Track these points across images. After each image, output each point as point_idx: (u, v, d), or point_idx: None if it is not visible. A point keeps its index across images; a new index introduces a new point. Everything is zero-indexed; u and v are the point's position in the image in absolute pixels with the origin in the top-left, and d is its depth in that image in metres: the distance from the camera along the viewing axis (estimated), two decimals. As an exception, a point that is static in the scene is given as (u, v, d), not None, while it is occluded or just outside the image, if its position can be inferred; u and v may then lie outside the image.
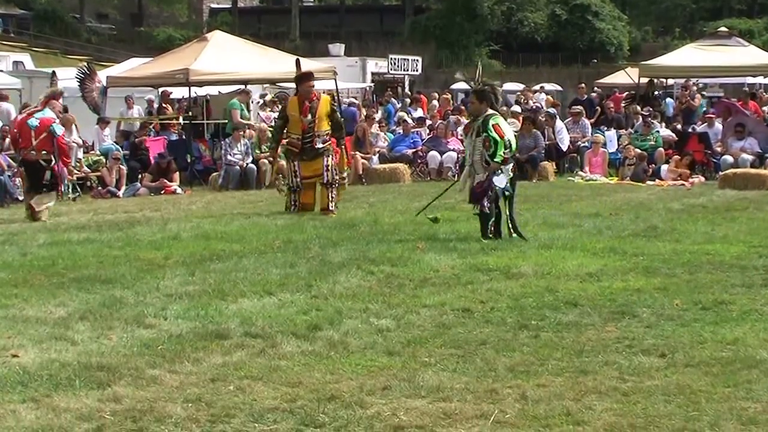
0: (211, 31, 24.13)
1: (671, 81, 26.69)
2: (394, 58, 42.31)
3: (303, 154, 13.18)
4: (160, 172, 18.08)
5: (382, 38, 59.06)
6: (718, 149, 19.31)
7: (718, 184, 16.97)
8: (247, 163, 18.26)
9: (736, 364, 5.79)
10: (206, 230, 11.52)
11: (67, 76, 21.70)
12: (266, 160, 18.09)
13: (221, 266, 8.97)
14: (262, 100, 24.12)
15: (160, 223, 12.29)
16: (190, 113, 21.42)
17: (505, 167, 10.45)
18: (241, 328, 6.66)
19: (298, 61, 14.65)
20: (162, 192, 17.54)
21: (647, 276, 8.49)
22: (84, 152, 19.37)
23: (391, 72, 41.50)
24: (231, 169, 18.12)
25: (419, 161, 19.84)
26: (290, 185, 13.36)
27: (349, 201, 13.77)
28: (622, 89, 27.52)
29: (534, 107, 24.66)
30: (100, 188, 17.80)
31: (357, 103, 26.56)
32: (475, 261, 9.16)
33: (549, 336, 6.51)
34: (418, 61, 44.01)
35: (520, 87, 32.99)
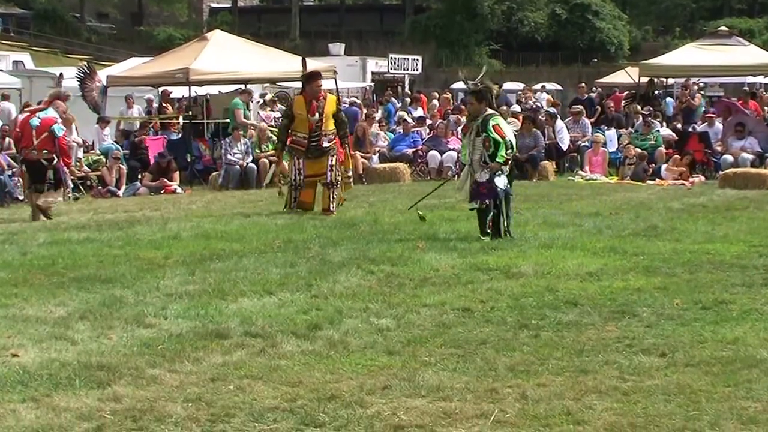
0: (211, 31, 24.11)
1: (671, 80, 26.67)
2: (394, 58, 42.25)
3: (308, 153, 13.15)
4: (160, 172, 18.07)
5: (382, 37, 59.06)
6: (719, 149, 19.29)
7: (719, 184, 16.96)
8: (247, 163, 18.24)
9: (737, 363, 5.79)
10: (206, 230, 11.52)
11: (68, 76, 21.67)
12: (266, 160, 18.13)
13: (221, 266, 8.97)
14: (262, 100, 24.11)
15: (160, 223, 12.28)
16: (190, 113, 21.42)
17: (505, 167, 10.46)
18: (241, 328, 6.66)
19: (304, 60, 14.64)
20: (162, 191, 17.54)
21: (647, 275, 8.48)
22: (84, 152, 19.39)
23: (391, 71, 41.43)
24: (231, 169, 18.11)
25: (419, 161, 19.85)
26: (292, 182, 13.31)
27: (349, 200, 13.78)
28: (623, 89, 27.51)
29: (534, 106, 24.65)
30: (100, 188, 17.80)
31: (359, 102, 26.52)
32: (476, 260, 9.16)
33: (549, 335, 6.51)
34: (418, 60, 43.95)
35: (521, 86, 32.96)
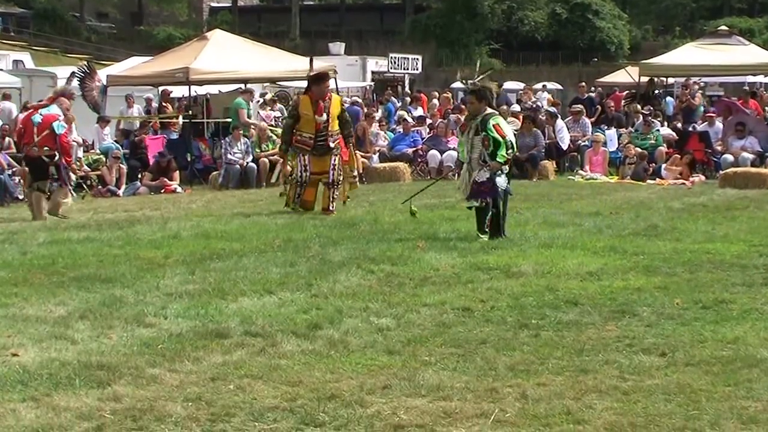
0: (211, 30, 24.13)
1: (671, 80, 26.68)
2: (395, 57, 42.28)
3: (314, 151, 13.14)
4: (160, 171, 18.08)
5: (383, 37, 59.10)
6: (719, 148, 19.30)
7: (719, 183, 16.95)
8: (247, 162, 18.24)
9: (737, 363, 5.78)
10: (206, 229, 11.51)
11: (68, 75, 21.67)
12: (266, 159, 18.12)
13: (221, 265, 8.97)
14: (263, 99, 24.11)
15: (160, 222, 12.28)
16: (190, 112, 21.42)
17: (504, 167, 10.47)
18: (241, 327, 6.65)
19: (311, 60, 14.62)
20: (162, 191, 17.54)
21: (648, 275, 8.48)
22: (84, 151, 19.39)
23: (392, 71, 41.47)
24: (231, 168, 18.11)
25: (419, 160, 19.85)
26: (298, 179, 13.21)
27: (349, 200, 13.76)
28: (623, 88, 27.53)
29: (534, 106, 24.64)
30: (100, 187, 17.80)
31: (360, 102, 26.51)
32: (476, 260, 9.16)
33: (549, 335, 6.51)
34: (418, 59, 43.99)
35: (521, 86, 32.96)
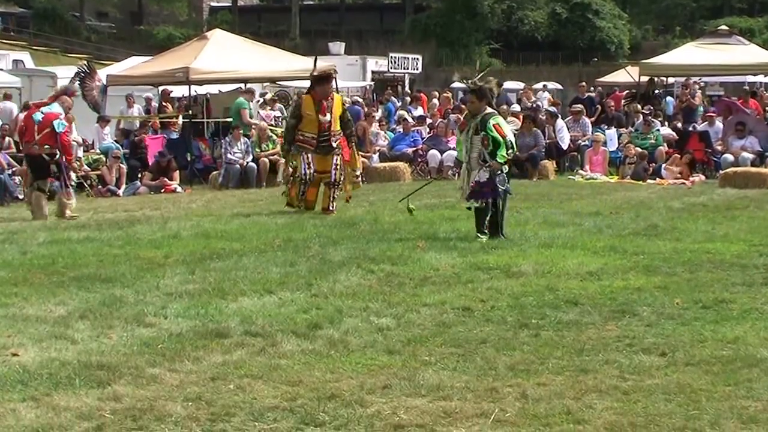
0: (211, 30, 24.12)
1: (672, 79, 26.68)
2: (395, 57, 42.27)
3: (317, 150, 13.12)
4: (160, 171, 18.07)
5: (383, 37, 59.08)
6: (719, 148, 19.29)
7: (719, 183, 16.95)
8: (247, 162, 18.23)
9: (737, 362, 5.79)
10: (206, 229, 11.51)
11: (68, 75, 21.68)
12: (266, 159, 18.11)
13: (221, 265, 8.97)
14: (263, 99, 24.11)
15: (160, 222, 12.28)
16: (190, 112, 21.41)
17: (504, 167, 10.47)
18: (241, 327, 6.65)
19: (316, 60, 14.59)
20: (162, 191, 17.54)
21: (648, 275, 8.48)
22: (84, 151, 19.38)
23: (392, 70, 41.46)
24: (231, 168, 18.10)
25: (419, 160, 19.83)
26: (302, 177, 13.12)
27: (350, 199, 13.75)
28: (623, 88, 27.53)
29: (534, 105, 24.64)
30: (100, 187, 17.80)
31: (361, 102, 26.50)
32: (476, 260, 9.16)
33: (549, 335, 6.51)
34: (418, 59, 43.98)
35: (521, 85, 32.96)
